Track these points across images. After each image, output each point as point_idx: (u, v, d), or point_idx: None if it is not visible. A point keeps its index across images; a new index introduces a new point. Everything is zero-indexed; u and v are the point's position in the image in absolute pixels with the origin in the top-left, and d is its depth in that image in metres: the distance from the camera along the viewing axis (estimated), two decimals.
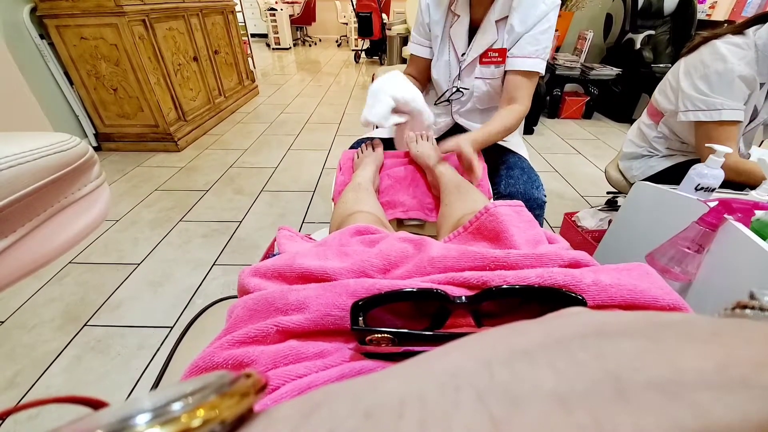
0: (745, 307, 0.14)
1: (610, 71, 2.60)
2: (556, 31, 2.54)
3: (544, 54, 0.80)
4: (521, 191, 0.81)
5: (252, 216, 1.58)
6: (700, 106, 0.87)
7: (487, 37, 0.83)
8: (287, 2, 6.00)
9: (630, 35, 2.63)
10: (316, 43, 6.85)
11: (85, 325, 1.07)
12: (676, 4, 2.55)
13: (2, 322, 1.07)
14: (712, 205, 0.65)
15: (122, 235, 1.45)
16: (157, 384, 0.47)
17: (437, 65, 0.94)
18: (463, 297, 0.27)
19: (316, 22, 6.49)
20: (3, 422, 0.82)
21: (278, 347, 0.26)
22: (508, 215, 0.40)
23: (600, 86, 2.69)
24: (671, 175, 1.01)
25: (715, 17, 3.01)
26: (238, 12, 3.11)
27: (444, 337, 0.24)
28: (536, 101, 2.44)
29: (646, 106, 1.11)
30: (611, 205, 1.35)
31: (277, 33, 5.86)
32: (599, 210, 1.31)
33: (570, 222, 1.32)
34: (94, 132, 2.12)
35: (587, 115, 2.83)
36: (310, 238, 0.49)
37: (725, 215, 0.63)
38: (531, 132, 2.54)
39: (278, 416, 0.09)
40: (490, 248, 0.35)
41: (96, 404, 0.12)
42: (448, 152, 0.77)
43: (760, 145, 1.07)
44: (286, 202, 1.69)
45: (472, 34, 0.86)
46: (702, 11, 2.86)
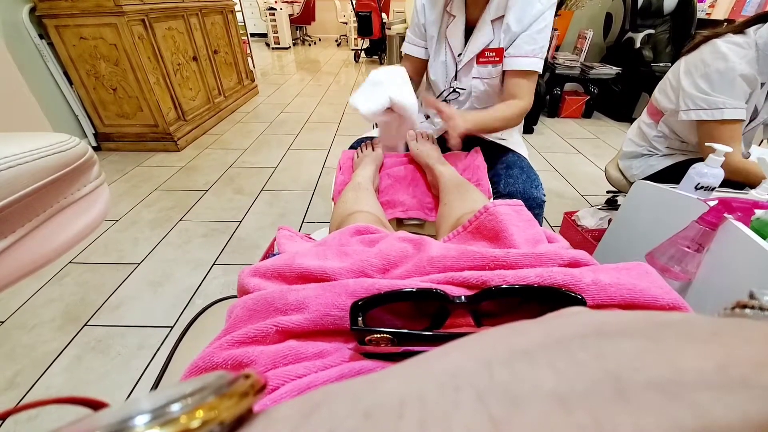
0: (745, 307, 0.14)
1: (610, 70, 2.60)
2: (555, 30, 2.56)
3: (541, 53, 0.80)
4: (520, 190, 0.81)
5: (252, 216, 1.58)
6: (701, 105, 0.87)
7: (484, 36, 0.83)
8: (287, 2, 5.99)
9: (630, 34, 2.63)
10: (315, 43, 6.85)
11: (85, 325, 1.07)
12: (676, 3, 2.55)
13: (2, 323, 1.07)
14: (712, 204, 0.65)
15: (122, 235, 1.45)
16: (157, 384, 0.47)
17: (434, 66, 0.94)
18: (463, 297, 0.27)
19: (316, 21, 6.48)
20: (3, 423, 0.82)
21: (278, 347, 0.26)
22: (508, 215, 0.40)
23: (600, 85, 2.69)
24: (671, 174, 1.01)
25: (715, 16, 3.02)
26: (238, 12, 3.11)
27: (443, 337, 0.24)
28: (536, 100, 2.42)
29: (646, 106, 1.11)
30: (611, 205, 1.35)
31: (277, 32, 5.86)
32: (599, 209, 1.31)
33: (570, 221, 1.32)
34: (94, 132, 2.12)
35: (587, 115, 2.83)
36: (310, 238, 0.49)
37: (725, 214, 0.63)
38: (531, 131, 2.53)
39: (278, 416, 0.09)
40: (490, 248, 0.35)
41: (95, 405, 0.12)
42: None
43: (759, 144, 1.07)
44: (286, 202, 1.69)
45: (469, 34, 0.86)
46: (702, 10, 2.86)
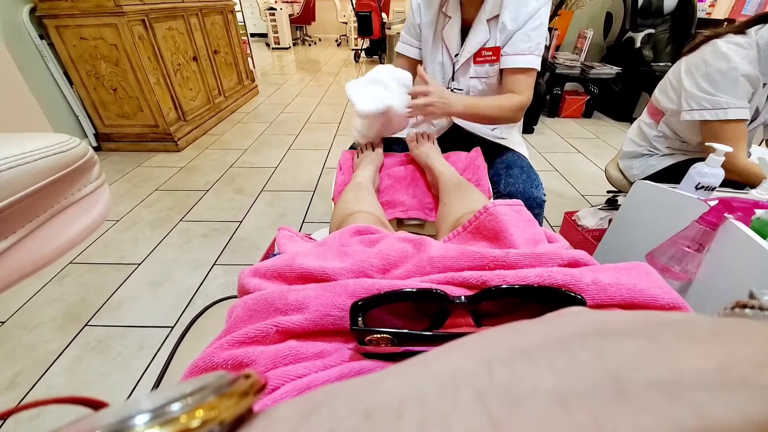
0: (745, 307, 0.14)
1: (610, 70, 2.60)
2: (555, 29, 2.55)
3: (537, 50, 0.80)
4: (521, 190, 0.81)
5: (252, 216, 1.58)
6: (705, 105, 0.86)
7: (480, 36, 0.83)
8: (287, 2, 5.99)
9: (630, 34, 2.63)
10: (315, 43, 6.85)
11: (86, 325, 1.07)
12: (676, 2, 2.55)
13: (3, 323, 1.07)
14: (713, 204, 0.65)
15: (122, 235, 1.46)
16: (157, 384, 0.47)
17: (431, 67, 0.94)
18: (463, 297, 0.27)
19: (316, 21, 6.48)
20: (4, 422, 0.82)
21: (278, 347, 0.26)
22: (508, 214, 0.40)
23: (600, 85, 2.69)
24: (671, 174, 1.00)
25: (715, 15, 3.02)
26: (238, 12, 3.11)
27: (443, 337, 0.24)
28: (536, 100, 2.44)
29: (647, 105, 1.10)
30: (611, 204, 1.35)
31: (277, 32, 5.86)
32: (599, 209, 1.31)
33: (570, 221, 1.32)
34: (94, 132, 2.12)
35: (587, 114, 2.83)
36: (310, 238, 0.49)
37: (725, 214, 0.63)
38: (531, 131, 2.53)
39: (278, 416, 0.09)
40: (490, 248, 0.35)
41: (96, 405, 0.12)
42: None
43: (759, 144, 1.07)
44: (286, 202, 1.69)
45: (465, 35, 0.86)
46: (702, 9, 2.86)
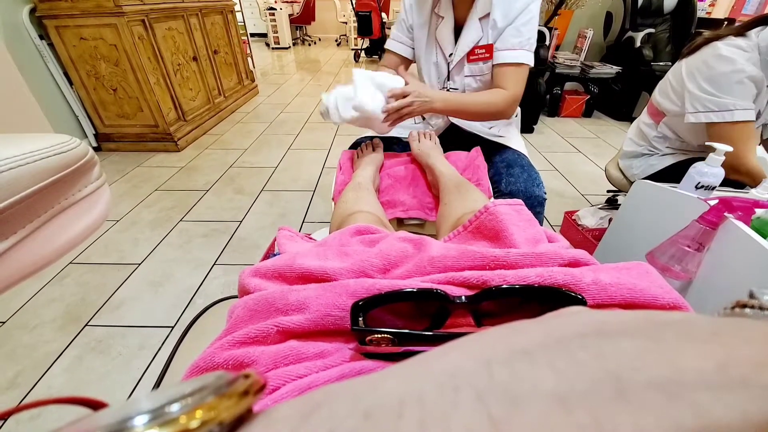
0: (745, 306, 0.14)
1: (610, 69, 2.60)
2: (555, 29, 2.55)
3: (528, 45, 0.80)
4: (522, 189, 0.81)
5: (252, 216, 1.58)
6: (711, 108, 0.86)
7: (472, 34, 0.84)
8: (286, 2, 5.99)
9: (630, 33, 2.63)
10: (315, 43, 6.84)
11: (86, 325, 1.07)
12: (676, 2, 2.55)
13: (3, 323, 1.07)
14: (713, 203, 0.65)
15: (122, 235, 1.46)
16: (158, 384, 0.47)
17: (426, 67, 0.95)
18: (463, 297, 0.27)
19: (316, 21, 6.48)
20: (4, 422, 0.82)
21: (278, 347, 0.26)
22: (508, 214, 0.40)
23: (600, 84, 2.69)
24: (671, 174, 1.00)
25: (715, 15, 3.02)
26: (238, 12, 3.11)
27: (444, 337, 0.24)
28: (536, 100, 2.44)
29: (646, 105, 1.10)
30: (611, 204, 1.35)
31: (277, 32, 5.86)
32: (599, 208, 1.31)
33: (570, 221, 1.32)
34: (94, 132, 2.12)
35: (587, 114, 2.83)
36: (311, 238, 0.49)
37: (725, 213, 0.63)
38: (531, 131, 2.53)
39: (278, 416, 0.09)
40: (490, 247, 0.35)
41: (96, 405, 0.12)
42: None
43: (759, 144, 1.07)
44: (286, 202, 1.69)
45: (458, 34, 0.87)
46: (702, 9, 2.86)
